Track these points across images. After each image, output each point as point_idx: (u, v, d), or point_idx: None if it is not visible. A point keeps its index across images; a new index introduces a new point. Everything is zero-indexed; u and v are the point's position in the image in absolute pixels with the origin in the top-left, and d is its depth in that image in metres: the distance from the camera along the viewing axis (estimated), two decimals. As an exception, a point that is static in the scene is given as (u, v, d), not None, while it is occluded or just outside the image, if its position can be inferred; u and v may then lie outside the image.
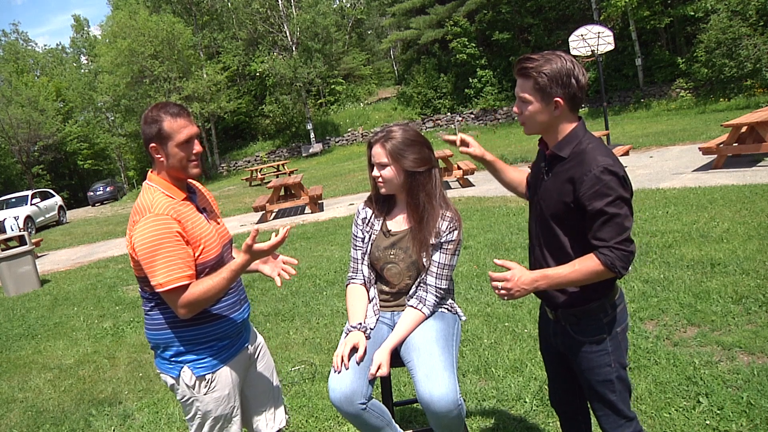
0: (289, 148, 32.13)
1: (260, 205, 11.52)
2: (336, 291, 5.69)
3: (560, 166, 1.81)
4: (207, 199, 2.19)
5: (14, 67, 42.85)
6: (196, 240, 1.93)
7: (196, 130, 1.99)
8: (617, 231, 1.71)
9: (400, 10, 32.99)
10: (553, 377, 2.17)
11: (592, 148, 1.77)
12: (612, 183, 1.69)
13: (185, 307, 1.87)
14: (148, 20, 29.49)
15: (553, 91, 1.74)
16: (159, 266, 1.82)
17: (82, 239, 14.86)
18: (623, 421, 1.93)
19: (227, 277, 1.89)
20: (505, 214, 7.84)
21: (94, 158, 45.02)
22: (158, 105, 1.96)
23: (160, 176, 1.99)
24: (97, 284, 8.23)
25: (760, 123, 8.19)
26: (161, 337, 2.01)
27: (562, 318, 1.92)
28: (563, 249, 1.83)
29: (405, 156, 2.13)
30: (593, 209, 1.70)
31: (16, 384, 4.78)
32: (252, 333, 2.26)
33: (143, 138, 1.97)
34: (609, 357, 1.87)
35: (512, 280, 1.75)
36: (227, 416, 2.06)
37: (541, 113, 1.78)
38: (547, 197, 1.84)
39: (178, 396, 2.05)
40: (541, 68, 1.73)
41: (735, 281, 4.15)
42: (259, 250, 1.86)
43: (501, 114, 27.90)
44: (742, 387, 2.83)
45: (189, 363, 1.99)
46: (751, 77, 19.00)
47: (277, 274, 2.14)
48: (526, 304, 4.41)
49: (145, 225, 1.84)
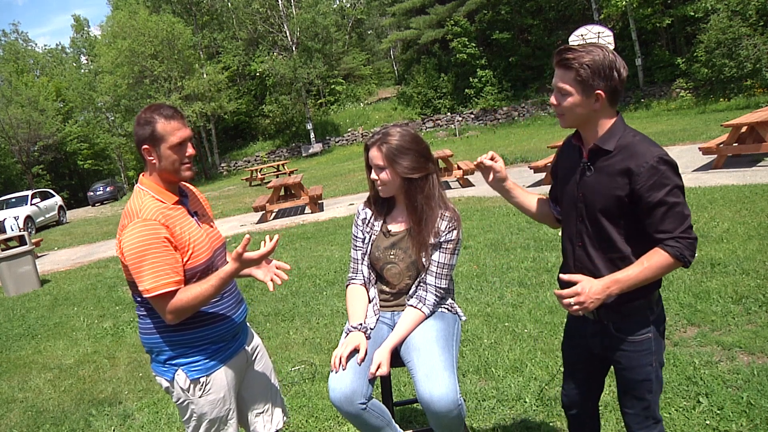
0: (289, 148, 32.14)
1: (260, 205, 11.52)
2: (336, 291, 5.69)
3: (605, 159, 1.76)
4: (200, 203, 2.17)
5: (14, 67, 42.83)
6: (185, 245, 1.91)
7: (190, 133, 1.97)
8: (680, 220, 1.68)
9: (400, 10, 33.01)
10: (572, 378, 2.10)
11: (639, 140, 1.74)
12: (668, 172, 1.67)
13: (172, 313, 1.87)
14: (148, 20, 29.49)
15: (595, 83, 1.69)
16: (146, 272, 1.82)
17: (82, 239, 14.86)
18: (651, 422, 1.91)
19: (216, 284, 1.89)
20: (505, 214, 7.84)
21: (94, 158, 45.00)
22: (152, 107, 1.94)
23: (151, 179, 1.98)
24: (97, 284, 8.23)
25: (760, 123, 8.19)
26: (154, 341, 2.00)
27: (605, 317, 1.86)
28: (614, 246, 1.77)
29: (399, 162, 2.12)
30: (653, 200, 1.67)
31: (16, 384, 4.78)
32: (249, 334, 2.25)
33: (136, 139, 1.95)
34: (651, 356, 1.84)
35: (583, 293, 1.69)
36: (223, 419, 2.06)
37: (580, 106, 1.73)
38: (594, 193, 1.78)
39: (174, 399, 2.05)
40: (583, 59, 1.68)
41: (735, 281, 4.15)
42: (249, 258, 1.86)
43: (501, 114, 27.90)
44: (742, 387, 2.83)
45: (183, 366, 1.98)
46: (751, 77, 19.00)
47: (270, 279, 2.13)
48: (526, 304, 4.41)
49: (133, 230, 1.84)
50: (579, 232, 1.86)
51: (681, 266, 1.72)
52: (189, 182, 2.11)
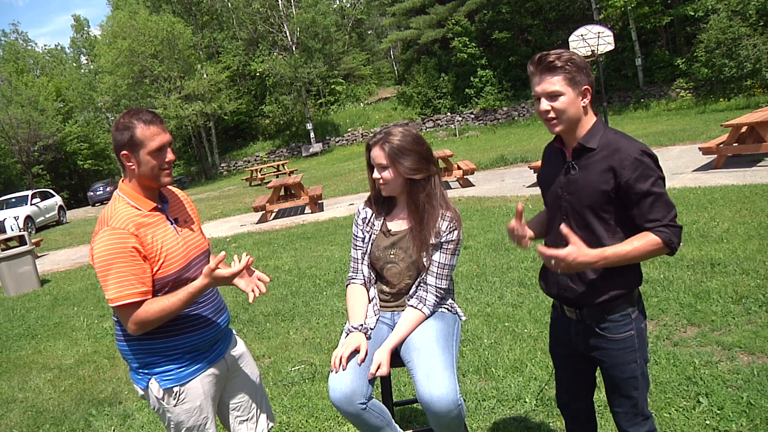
0: (289, 148, 32.15)
1: (260, 205, 11.52)
2: (336, 291, 5.69)
3: (590, 157, 1.82)
4: (183, 208, 2.12)
5: (14, 67, 42.84)
6: (156, 254, 1.88)
7: (169, 138, 1.94)
8: (667, 209, 1.76)
9: (400, 9, 33.02)
10: (563, 379, 2.13)
11: (620, 136, 1.82)
12: (651, 164, 1.75)
13: (136, 324, 1.85)
14: (148, 20, 29.54)
15: (581, 79, 1.77)
16: (111, 281, 1.81)
17: (82, 239, 14.86)
18: (641, 419, 1.93)
19: (183, 299, 1.86)
20: (505, 214, 7.85)
21: (94, 158, 44.96)
22: (130, 111, 1.91)
23: (130, 185, 1.95)
24: (97, 284, 8.22)
25: (760, 123, 8.19)
26: (126, 349, 1.98)
27: (588, 317, 1.90)
28: (600, 242, 1.81)
29: (401, 162, 2.13)
30: (640, 191, 1.74)
31: (16, 384, 4.78)
32: (232, 341, 2.22)
33: (114, 145, 1.92)
34: (635, 353, 1.88)
35: (570, 256, 1.70)
36: (200, 427, 2.03)
37: (573, 104, 1.79)
38: (580, 189, 1.83)
39: (151, 406, 2.03)
40: (567, 59, 1.76)
41: (735, 281, 4.15)
42: (220, 276, 1.85)
43: (501, 114, 27.92)
44: (742, 387, 2.83)
45: (156, 375, 1.95)
46: (751, 77, 19.03)
47: (251, 290, 2.12)
48: (526, 304, 4.41)
49: (102, 238, 1.83)
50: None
51: (667, 253, 1.77)
52: (178, 187, 2.09)
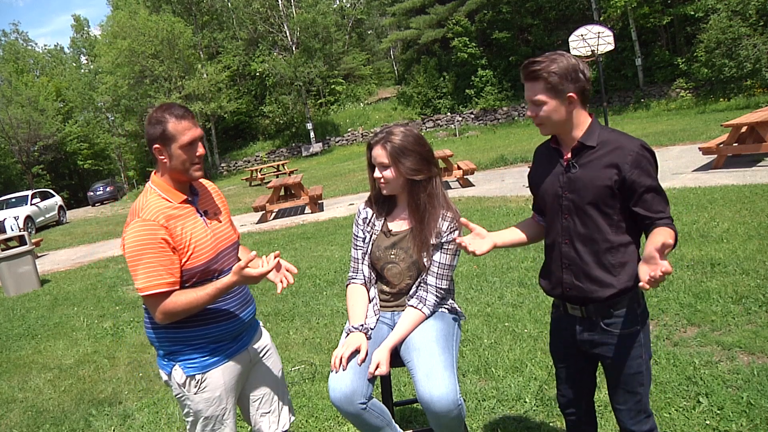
0: (289, 148, 32.14)
1: (260, 205, 11.52)
2: (336, 291, 5.69)
3: (590, 154, 1.85)
4: (212, 201, 2.18)
5: (14, 67, 42.87)
6: (185, 246, 1.93)
7: (200, 133, 2.00)
8: (666, 203, 1.82)
9: (400, 9, 33.00)
10: (565, 378, 2.12)
11: (618, 134, 1.86)
12: (651, 158, 1.81)
13: (163, 313, 1.90)
14: (148, 20, 29.51)
15: (565, 87, 1.79)
16: (140, 271, 1.86)
17: (82, 239, 14.87)
18: (644, 416, 1.94)
19: (211, 293, 1.91)
20: (505, 214, 7.85)
21: (94, 158, 45.01)
22: (163, 106, 1.97)
23: (162, 178, 2.01)
24: (97, 284, 8.23)
25: (760, 123, 8.19)
26: (154, 336, 2.05)
27: (594, 313, 1.90)
28: (604, 236, 1.83)
29: (402, 162, 2.14)
30: (644, 185, 1.78)
31: (16, 384, 4.78)
32: (257, 333, 2.25)
33: (147, 138, 1.98)
34: (641, 349, 1.89)
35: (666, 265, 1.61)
36: (218, 417, 2.07)
37: (556, 111, 1.82)
38: (582, 187, 1.85)
39: (173, 392, 2.09)
40: (549, 68, 1.78)
41: (735, 281, 4.15)
42: (249, 275, 1.89)
43: (501, 114, 27.90)
44: (742, 387, 2.83)
45: (180, 362, 2.01)
46: (751, 77, 19.01)
47: (279, 281, 2.15)
48: (526, 304, 4.41)
49: (133, 229, 1.89)
50: (566, 229, 1.91)
51: (672, 244, 1.75)
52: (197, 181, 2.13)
